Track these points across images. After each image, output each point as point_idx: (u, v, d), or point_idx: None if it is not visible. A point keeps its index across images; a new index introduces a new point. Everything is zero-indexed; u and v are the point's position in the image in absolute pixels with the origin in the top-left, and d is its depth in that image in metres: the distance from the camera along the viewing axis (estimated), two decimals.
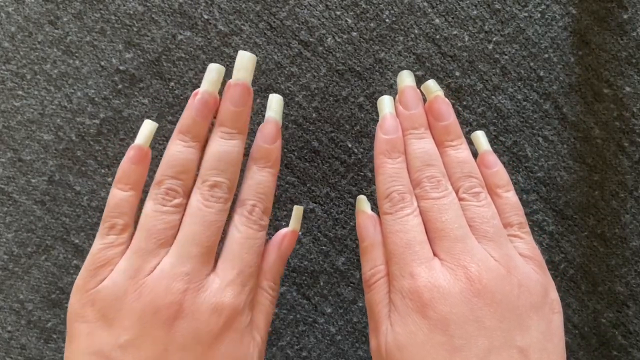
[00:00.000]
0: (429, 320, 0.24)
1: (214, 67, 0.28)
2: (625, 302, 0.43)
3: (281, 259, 0.30)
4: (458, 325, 0.24)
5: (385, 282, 0.27)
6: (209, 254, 0.27)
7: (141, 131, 0.29)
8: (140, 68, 0.43)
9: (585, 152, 0.42)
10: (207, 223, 0.27)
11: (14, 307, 0.44)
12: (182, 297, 0.25)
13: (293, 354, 0.44)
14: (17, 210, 0.44)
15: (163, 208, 0.27)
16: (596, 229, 0.43)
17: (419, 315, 0.25)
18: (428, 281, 0.25)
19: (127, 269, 0.26)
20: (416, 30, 0.42)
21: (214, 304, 0.25)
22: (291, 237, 0.31)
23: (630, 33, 0.42)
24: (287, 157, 0.43)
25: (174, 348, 0.25)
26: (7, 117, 0.43)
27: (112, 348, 0.25)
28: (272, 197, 0.29)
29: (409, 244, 0.26)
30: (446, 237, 0.26)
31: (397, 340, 0.25)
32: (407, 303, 0.25)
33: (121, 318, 0.25)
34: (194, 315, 0.25)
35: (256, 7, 0.42)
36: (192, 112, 0.28)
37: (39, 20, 0.43)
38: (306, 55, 0.42)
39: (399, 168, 0.28)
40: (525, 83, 0.42)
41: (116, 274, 0.26)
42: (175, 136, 0.28)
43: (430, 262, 0.26)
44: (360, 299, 0.43)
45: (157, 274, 0.26)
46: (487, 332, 0.24)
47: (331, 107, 0.43)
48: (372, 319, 0.28)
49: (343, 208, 0.43)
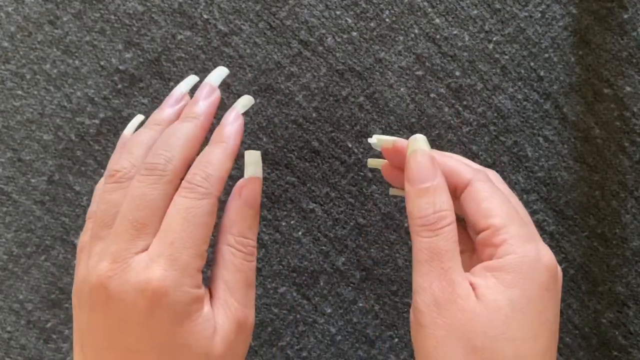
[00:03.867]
0: (542, 298, 0.24)
1: (191, 78, 0.31)
2: (625, 303, 0.43)
3: (245, 210, 0.27)
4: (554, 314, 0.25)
5: (455, 230, 0.25)
6: (137, 230, 0.24)
7: (130, 123, 0.30)
8: (140, 68, 0.43)
9: (585, 152, 0.42)
10: (134, 198, 0.25)
11: (13, 307, 0.44)
12: (107, 279, 0.24)
13: (293, 354, 0.44)
14: (16, 210, 0.44)
15: (107, 186, 0.26)
16: (596, 229, 0.43)
17: (536, 289, 0.24)
18: (551, 259, 0.25)
19: (85, 255, 0.26)
20: (416, 30, 0.42)
21: (138, 283, 0.23)
22: (251, 185, 0.28)
23: (630, 33, 0.42)
24: (287, 157, 0.43)
25: (113, 331, 0.24)
26: (7, 117, 0.43)
27: (81, 333, 0.25)
28: (220, 167, 0.26)
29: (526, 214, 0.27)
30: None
31: (494, 301, 0.23)
32: (520, 268, 0.24)
33: (81, 304, 0.25)
34: (121, 297, 0.24)
35: (256, 6, 0.42)
36: (160, 106, 0.30)
37: (38, 20, 0.43)
38: (306, 55, 0.42)
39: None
40: (526, 83, 0.42)
41: (81, 260, 0.26)
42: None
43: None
44: (360, 299, 0.43)
45: (95, 258, 0.25)
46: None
47: (331, 107, 0.43)
48: (436, 265, 0.25)
49: (343, 208, 0.43)
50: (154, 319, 0.24)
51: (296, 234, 0.43)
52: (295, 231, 0.43)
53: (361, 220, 0.43)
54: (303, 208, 0.43)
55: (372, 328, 0.43)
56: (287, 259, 0.43)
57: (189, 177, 0.26)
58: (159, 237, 0.25)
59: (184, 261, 0.24)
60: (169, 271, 0.24)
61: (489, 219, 0.26)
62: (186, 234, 0.24)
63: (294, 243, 0.43)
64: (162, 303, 0.24)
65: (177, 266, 0.24)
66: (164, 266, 0.24)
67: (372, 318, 0.43)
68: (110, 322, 0.24)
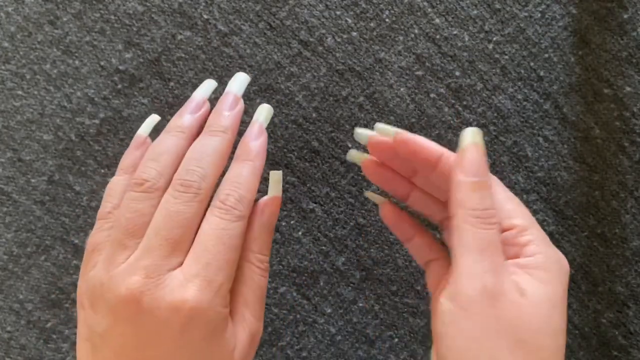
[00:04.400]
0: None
1: (209, 83, 0.30)
2: (625, 302, 0.43)
3: (265, 228, 0.28)
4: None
5: (500, 232, 0.26)
6: (172, 247, 0.25)
7: (144, 123, 0.30)
8: (140, 68, 0.43)
9: (585, 152, 0.42)
10: (170, 214, 0.25)
11: (13, 307, 0.44)
12: (140, 293, 0.24)
13: (293, 354, 0.44)
14: (16, 210, 0.44)
15: (133, 194, 0.26)
16: (596, 229, 0.43)
17: (562, 288, 0.26)
18: (567, 263, 0.27)
19: (105, 259, 0.26)
20: (416, 30, 0.42)
21: (172, 302, 0.24)
22: (272, 204, 0.29)
23: (630, 33, 0.42)
24: (287, 157, 0.43)
25: (141, 343, 0.24)
26: (7, 117, 0.43)
27: (95, 335, 0.25)
28: (251, 187, 0.27)
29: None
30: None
31: (541, 296, 0.24)
32: (550, 268, 0.26)
33: (100, 307, 0.25)
34: (153, 313, 0.24)
35: (256, 7, 0.42)
36: (180, 111, 0.29)
37: (38, 20, 0.43)
38: (306, 55, 0.42)
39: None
40: (526, 83, 0.42)
41: (99, 262, 0.26)
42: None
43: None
44: (360, 299, 0.43)
45: (123, 267, 0.25)
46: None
47: (331, 107, 0.43)
48: (488, 256, 0.25)
49: (343, 208, 0.43)
50: (186, 336, 0.24)
51: (296, 234, 0.43)
52: (295, 231, 0.43)
53: (361, 220, 0.43)
54: (303, 208, 0.43)
55: (372, 328, 0.43)
56: (287, 259, 0.43)
57: (222, 197, 0.26)
58: (194, 256, 0.25)
59: (218, 283, 0.25)
60: (205, 292, 0.24)
61: (512, 220, 0.26)
62: (221, 256, 0.25)
63: (294, 243, 0.43)
64: (195, 322, 0.24)
65: (211, 288, 0.25)
66: (199, 287, 0.24)
67: (372, 318, 0.43)
68: (140, 335, 0.24)
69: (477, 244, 0.25)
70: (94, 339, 0.25)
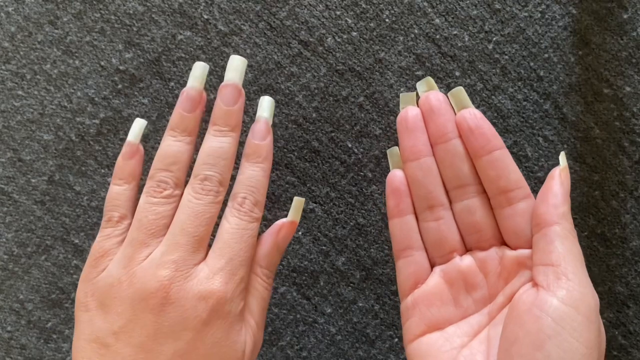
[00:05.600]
0: None
1: (198, 65, 0.30)
2: (625, 302, 0.43)
3: (277, 248, 0.30)
4: None
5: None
6: (198, 243, 0.27)
7: (132, 128, 0.30)
8: (140, 68, 0.43)
9: (585, 152, 0.42)
10: (195, 213, 0.27)
11: (14, 307, 0.44)
12: (169, 285, 0.26)
13: (293, 354, 0.44)
14: (17, 210, 0.44)
15: (154, 199, 0.28)
16: (596, 229, 0.43)
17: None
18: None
19: (121, 258, 0.27)
20: (416, 30, 0.42)
21: (200, 292, 0.26)
22: (289, 228, 0.31)
23: (630, 33, 0.42)
24: (287, 157, 0.43)
25: (163, 334, 0.26)
26: (7, 117, 0.43)
27: (107, 334, 0.26)
28: (264, 191, 0.30)
29: None
30: None
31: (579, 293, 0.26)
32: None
33: (115, 305, 0.26)
34: (180, 302, 0.26)
35: (256, 7, 0.42)
36: (178, 107, 0.29)
37: (38, 20, 0.43)
38: (306, 55, 0.42)
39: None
40: (525, 83, 0.42)
41: (112, 263, 0.27)
42: (166, 133, 0.29)
43: None
44: (360, 299, 0.43)
45: (147, 263, 0.27)
46: None
47: (331, 107, 0.43)
48: (571, 259, 0.26)
49: (343, 208, 0.43)
50: (208, 327, 0.26)
51: (296, 234, 0.43)
52: (295, 231, 0.43)
53: (361, 220, 0.43)
54: (303, 208, 0.43)
55: (372, 328, 0.43)
56: (287, 259, 0.43)
57: (239, 200, 0.29)
58: (218, 252, 0.28)
59: (240, 277, 0.28)
60: (229, 284, 0.27)
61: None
62: (242, 253, 0.28)
63: (294, 243, 0.43)
64: (220, 311, 0.26)
65: (234, 280, 0.27)
66: (225, 279, 0.27)
67: (372, 318, 0.43)
68: (163, 326, 0.26)
69: (582, 258, 0.27)
70: (105, 338, 0.26)
